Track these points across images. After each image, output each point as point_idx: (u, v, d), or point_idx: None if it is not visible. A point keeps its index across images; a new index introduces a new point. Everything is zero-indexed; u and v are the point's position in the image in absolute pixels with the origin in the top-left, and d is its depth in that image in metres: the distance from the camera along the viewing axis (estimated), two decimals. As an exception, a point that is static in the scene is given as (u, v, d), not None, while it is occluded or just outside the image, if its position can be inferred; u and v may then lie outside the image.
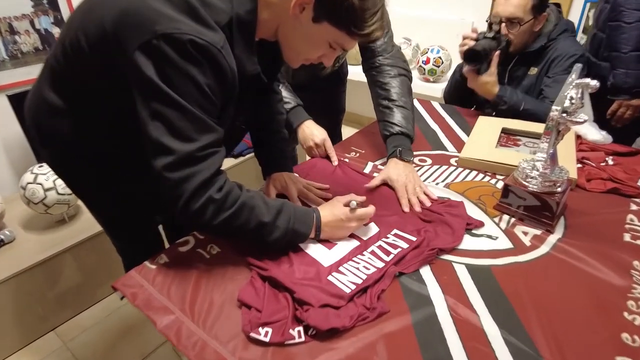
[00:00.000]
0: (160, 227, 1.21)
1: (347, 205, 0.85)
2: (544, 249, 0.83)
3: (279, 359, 0.62)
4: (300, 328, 0.66)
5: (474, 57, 1.27)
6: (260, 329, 0.65)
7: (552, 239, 0.85)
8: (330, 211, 0.85)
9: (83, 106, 0.81)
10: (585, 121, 0.79)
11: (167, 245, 1.11)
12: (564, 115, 0.78)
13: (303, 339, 0.65)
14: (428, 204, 0.96)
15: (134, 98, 0.69)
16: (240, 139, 1.05)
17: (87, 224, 1.60)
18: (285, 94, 1.17)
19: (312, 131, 1.16)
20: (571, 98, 0.78)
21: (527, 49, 1.38)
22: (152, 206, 1.00)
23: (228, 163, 1.97)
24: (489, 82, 1.30)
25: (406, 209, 0.96)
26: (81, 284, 1.58)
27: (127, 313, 1.61)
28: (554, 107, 0.79)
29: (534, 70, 1.40)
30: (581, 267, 0.78)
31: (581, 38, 2.08)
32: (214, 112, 0.72)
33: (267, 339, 0.64)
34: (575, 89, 0.76)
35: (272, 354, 0.63)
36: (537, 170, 0.88)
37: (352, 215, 0.84)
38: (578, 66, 0.81)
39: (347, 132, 1.54)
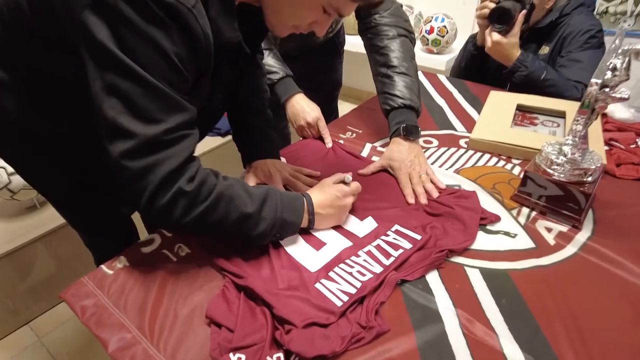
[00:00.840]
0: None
1: (338, 183, 0.75)
2: (570, 249, 0.71)
3: (253, 395, 0.51)
4: (280, 354, 0.54)
5: (502, 16, 1.13)
6: (231, 355, 0.53)
7: (581, 237, 0.73)
8: (321, 191, 0.73)
9: (29, 79, 0.67)
10: (628, 98, 0.65)
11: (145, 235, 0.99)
12: (605, 90, 0.63)
13: (283, 367, 0.53)
14: (435, 194, 0.82)
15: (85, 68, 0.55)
16: (219, 118, 0.90)
17: (59, 210, 1.47)
18: (272, 62, 1.01)
19: (303, 107, 1.01)
20: (614, 68, 0.63)
21: (536, 25, 1.24)
22: (115, 197, 0.87)
23: (214, 142, 1.82)
24: (511, 43, 1.15)
25: (411, 200, 0.82)
26: (55, 274, 1.47)
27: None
28: (592, 80, 0.64)
29: (545, 49, 1.26)
30: (617, 273, 0.66)
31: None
32: (184, 88, 0.59)
33: (239, 368, 0.52)
34: (621, 56, 0.62)
35: (245, 388, 0.51)
36: (565, 155, 0.75)
37: (347, 189, 0.74)
38: (623, 27, 0.66)
39: (344, 108, 1.39)
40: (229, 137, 1.85)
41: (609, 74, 0.63)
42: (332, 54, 1.37)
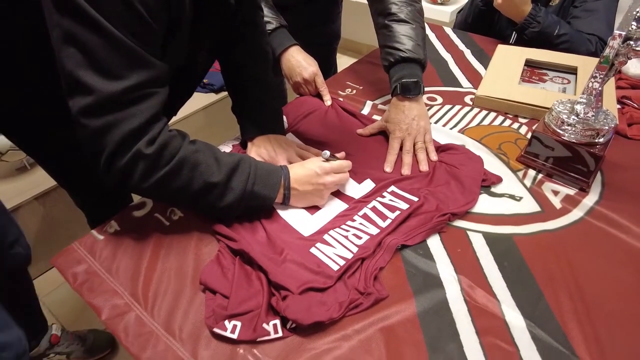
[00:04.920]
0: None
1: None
2: (577, 213, 0.68)
3: (250, 362, 0.50)
4: (277, 321, 0.53)
5: None
6: (226, 322, 0.52)
7: (588, 201, 0.70)
8: (301, 166, 0.68)
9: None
10: (652, 52, 0.60)
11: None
12: (629, 43, 0.58)
13: (280, 334, 0.52)
14: (424, 168, 0.76)
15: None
16: (207, 70, 0.84)
17: (51, 171, 1.44)
18: (265, 11, 0.93)
19: (299, 62, 0.94)
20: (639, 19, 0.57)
21: None
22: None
23: (207, 99, 1.75)
24: None
25: (388, 169, 0.77)
26: (51, 235, 1.45)
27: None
28: (616, 32, 0.59)
29: (556, 0, 1.17)
30: (624, 239, 0.64)
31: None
32: (151, 41, 0.54)
33: (234, 336, 0.51)
34: (650, 5, 0.56)
35: (243, 354, 0.50)
36: (577, 115, 0.70)
37: (327, 166, 0.67)
38: (653, -27, 0.59)
39: (343, 62, 1.32)
40: (224, 94, 1.78)
41: (634, 25, 0.58)
42: (329, 3, 1.27)
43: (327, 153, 0.68)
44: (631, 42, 0.58)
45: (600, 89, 0.67)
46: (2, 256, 0.88)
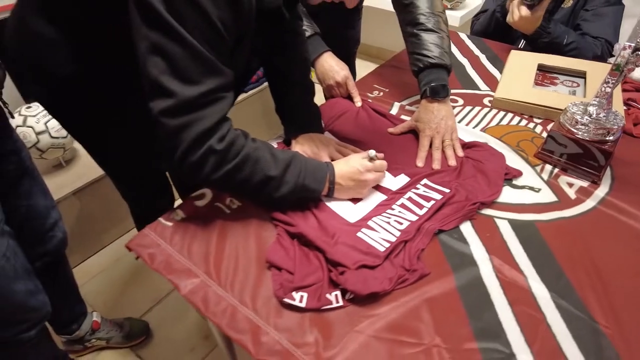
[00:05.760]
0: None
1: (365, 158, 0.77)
2: (590, 203, 0.77)
3: (318, 326, 0.58)
4: (337, 292, 0.61)
5: None
6: (294, 293, 0.60)
7: (600, 192, 0.79)
8: (345, 163, 0.76)
9: (80, 36, 0.70)
10: (658, 60, 0.68)
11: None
12: (638, 53, 0.67)
13: (341, 303, 0.60)
14: (452, 163, 0.85)
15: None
16: (250, 79, 0.93)
17: (85, 168, 1.52)
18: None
19: (332, 66, 1.03)
20: (648, 32, 0.66)
21: None
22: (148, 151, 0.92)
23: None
24: (537, 16, 1.13)
25: (420, 163, 0.85)
26: (85, 230, 1.53)
27: (135, 259, 1.59)
28: (626, 43, 0.67)
29: (568, 3, 1.25)
30: (633, 225, 0.72)
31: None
32: (224, 52, 0.62)
33: (302, 305, 0.59)
34: (656, 20, 0.65)
35: (310, 320, 0.59)
36: (590, 115, 0.79)
37: (370, 165, 0.75)
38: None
39: (360, 65, 1.41)
40: (250, 92, 1.86)
41: (642, 37, 0.66)
42: (351, 10, 1.35)
43: (373, 152, 0.76)
44: (639, 52, 0.67)
45: (611, 92, 0.76)
46: (43, 238, 0.96)
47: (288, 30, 0.85)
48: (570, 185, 0.81)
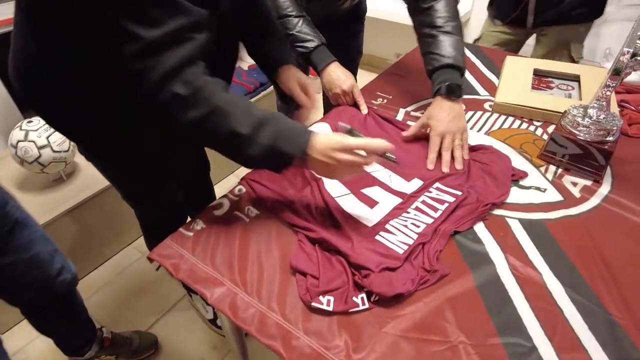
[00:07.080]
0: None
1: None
2: (594, 201, 0.81)
3: (346, 328, 0.60)
4: (363, 295, 0.63)
5: None
6: (321, 297, 0.62)
7: (603, 190, 0.82)
8: (326, 135, 0.67)
9: (61, 49, 0.69)
10: (654, 65, 0.72)
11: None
12: (637, 58, 0.71)
13: (367, 305, 0.62)
14: (459, 167, 0.87)
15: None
16: (232, 65, 0.93)
17: (86, 182, 1.51)
18: (307, 30, 1.04)
19: (339, 75, 1.05)
20: (643, 39, 0.70)
21: None
22: (163, 170, 0.93)
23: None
24: None
25: (430, 166, 0.88)
26: (87, 244, 1.52)
27: (139, 270, 1.58)
28: (625, 49, 0.71)
29: None
30: (637, 221, 0.76)
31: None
32: None
33: (330, 308, 0.61)
34: (651, 27, 0.69)
35: (338, 323, 0.60)
36: (590, 117, 0.83)
37: (349, 143, 0.64)
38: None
39: (362, 76, 1.44)
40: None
41: (639, 43, 0.70)
42: (355, 21, 1.39)
43: (347, 127, 0.75)
44: (638, 57, 0.71)
45: (610, 95, 0.80)
46: (52, 284, 0.95)
47: None
48: (575, 184, 0.85)
